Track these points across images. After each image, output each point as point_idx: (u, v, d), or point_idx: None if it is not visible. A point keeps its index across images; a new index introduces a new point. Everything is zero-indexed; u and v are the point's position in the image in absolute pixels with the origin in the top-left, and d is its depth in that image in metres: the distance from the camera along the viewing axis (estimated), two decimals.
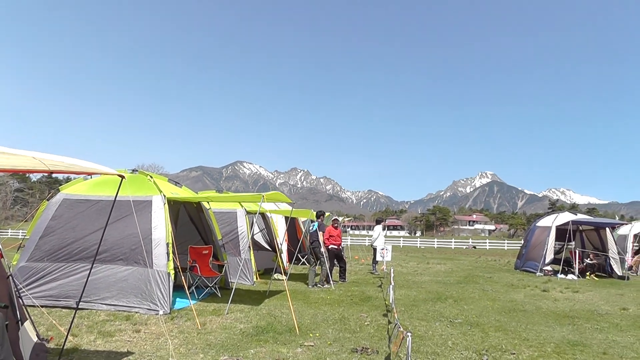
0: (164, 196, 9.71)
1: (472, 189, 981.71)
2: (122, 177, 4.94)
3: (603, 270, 19.89)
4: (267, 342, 6.98)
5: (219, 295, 11.14)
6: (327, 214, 15.38)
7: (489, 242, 62.55)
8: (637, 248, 25.53)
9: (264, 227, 17.64)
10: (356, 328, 8.13)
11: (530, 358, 6.60)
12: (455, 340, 7.40)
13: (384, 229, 18.92)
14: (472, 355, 6.57)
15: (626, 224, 27.93)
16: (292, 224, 19.38)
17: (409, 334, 4.93)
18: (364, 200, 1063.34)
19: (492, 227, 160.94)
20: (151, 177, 10.52)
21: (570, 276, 18.20)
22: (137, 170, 11.03)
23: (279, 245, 16.00)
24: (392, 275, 11.63)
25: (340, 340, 7.20)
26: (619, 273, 19.09)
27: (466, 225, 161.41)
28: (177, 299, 9.89)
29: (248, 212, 14.86)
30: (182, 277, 9.28)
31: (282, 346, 6.76)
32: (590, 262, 20.14)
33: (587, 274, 19.00)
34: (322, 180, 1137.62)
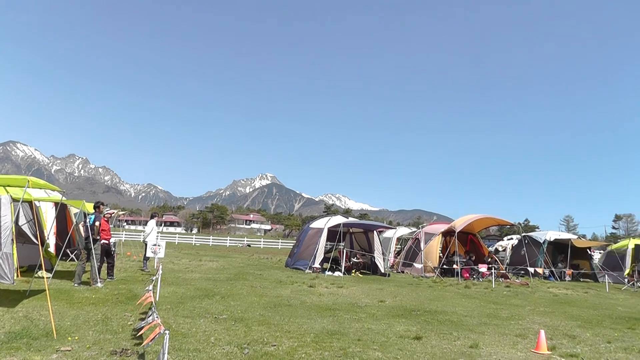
0: None
1: (251, 189, 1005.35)
2: None
3: (368, 268, 21.83)
4: (20, 349, 6.05)
5: None
6: (104, 205, 14.23)
7: (264, 241, 64.53)
8: (398, 249, 28.63)
9: (32, 217, 15.60)
10: (118, 329, 7.54)
11: (290, 348, 6.82)
12: (218, 336, 7.32)
13: (158, 225, 18.19)
14: (234, 350, 6.56)
15: (391, 228, 31.17)
16: (62, 215, 17.52)
17: (167, 331, 4.66)
18: (143, 194, 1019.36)
19: (268, 227, 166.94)
20: None
21: (337, 273, 19.57)
22: None
23: (46, 239, 14.34)
24: (160, 272, 11.21)
25: (100, 343, 6.59)
26: (382, 271, 21.20)
27: (243, 224, 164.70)
28: None
29: (14, 200, 12.95)
30: None
31: (35, 353, 5.91)
32: (356, 260, 21.95)
33: (353, 271, 20.67)
34: (101, 169, 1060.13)
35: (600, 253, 35.26)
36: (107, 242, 13.69)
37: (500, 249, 29.27)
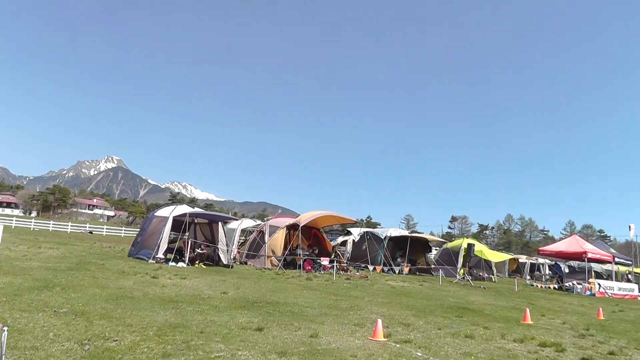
0: None
1: (96, 172, 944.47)
2: None
3: (212, 259, 21.43)
4: None
5: None
6: None
7: (107, 228, 61.15)
8: (242, 241, 28.53)
9: None
10: None
11: (132, 343, 6.43)
12: (57, 332, 6.65)
13: None
14: (74, 346, 6.02)
15: (236, 220, 31.02)
16: None
17: (5, 328, 4.09)
18: None
19: (112, 213, 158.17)
20: None
21: (180, 264, 18.95)
22: None
23: None
24: None
25: None
26: (225, 262, 20.92)
27: (86, 209, 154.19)
28: None
29: None
30: None
31: None
32: (201, 251, 21.47)
33: (197, 262, 20.16)
34: None
35: (436, 250, 38.34)
36: None
37: (338, 242, 30.48)
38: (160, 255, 19.40)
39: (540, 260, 49.43)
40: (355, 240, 30.99)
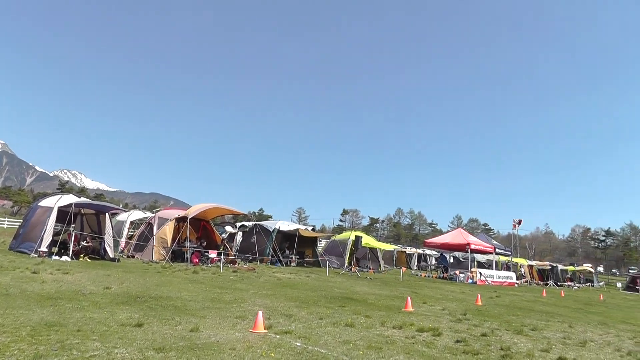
0: None
1: None
2: None
3: (97, 252, 20.71)
4: None
5: None
6: None
7: None
8: (131, 233, 27.81)
9: None
10: None
11: (2, 345, 6.22)
12: None
13: None
14: None
15: (125, 211, 30.12)
16: None
17: None
18: None
19: None
20: None
21: (64, 258, 18.21)
22: None
23: None
24: None
25: None
26: (111, 255, 20.30)
27: None
28: None
29: None
30: None
31: None
32: (86, 244, 20.71)
33: (82, 255, 19.44)
34: None
35: (325, 241, 39.35)
36: None
37: (224, 235, 30.48)
38: (44, 248, 18.51)
39: (428, 252, 52.26)
40: (245, 233, 31.11)
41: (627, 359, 9.54)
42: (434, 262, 50.93)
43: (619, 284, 60.56)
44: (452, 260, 43.72)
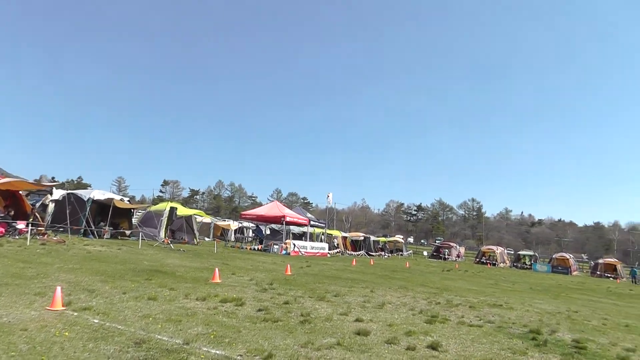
0: None
1: None
2: None
3: None
4: None
5: None
6: None
7: None
8: None
9: None
10: None
11: None
12: None
13: None
14: None
15: None
16: None
17: None
18: None
19: None
20: None
21: None
22: None
23: None
24: None
25: None
26: None
27: None
28: None
29: None
30: None
31: None
32: None
33: None
34: None
35: (141, 212, 38.22)
36: None
37: (37, 204, 28.18)
38: None
39: (245, 224, 53.22)
40: (58, 202, 29.04)
41: (418, 316, 11.02)
42: (251, 234, 52.02)
43: (425, 253, 68.18)
44: (268, 232, 45.13)
